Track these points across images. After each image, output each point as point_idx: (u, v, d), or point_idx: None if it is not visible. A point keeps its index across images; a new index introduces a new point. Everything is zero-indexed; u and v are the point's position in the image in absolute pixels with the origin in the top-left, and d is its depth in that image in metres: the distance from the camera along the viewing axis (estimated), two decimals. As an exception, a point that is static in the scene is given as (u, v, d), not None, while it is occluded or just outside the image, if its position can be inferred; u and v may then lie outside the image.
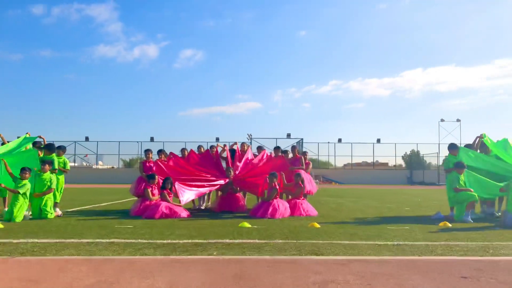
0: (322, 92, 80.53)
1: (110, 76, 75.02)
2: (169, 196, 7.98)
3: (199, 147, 10.35)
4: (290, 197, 8.72)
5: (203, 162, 9.53)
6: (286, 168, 9.17)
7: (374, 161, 45.48)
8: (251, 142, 40.41)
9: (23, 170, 7.19)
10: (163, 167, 8.97)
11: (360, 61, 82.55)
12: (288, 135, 40.09)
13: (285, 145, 37.57)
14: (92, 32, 74.05)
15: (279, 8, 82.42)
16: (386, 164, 47.62)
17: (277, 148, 10.36)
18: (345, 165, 44.25)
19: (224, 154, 9.76)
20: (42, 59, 71.51)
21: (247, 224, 6.28)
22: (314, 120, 76.06)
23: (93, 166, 45.70)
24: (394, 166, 44.55)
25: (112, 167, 44.52)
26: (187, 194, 8.29)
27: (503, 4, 76.07)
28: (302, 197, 8.45)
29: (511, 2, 75.08)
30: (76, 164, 43.42)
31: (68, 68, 74.21)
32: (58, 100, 72.24)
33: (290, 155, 10.14)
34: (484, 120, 66.91)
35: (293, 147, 10.69)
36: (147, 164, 9.17)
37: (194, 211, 8.96)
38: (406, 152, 50.50)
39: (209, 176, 8.97)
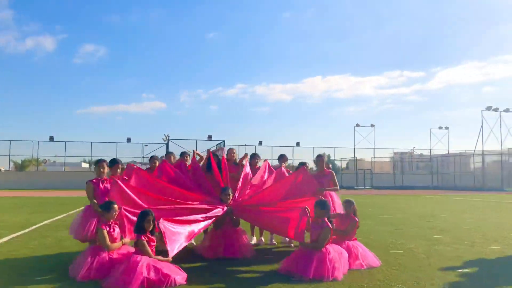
0: (229, 94, 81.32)
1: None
2: (151, 245, 4.65)
3: (183, 154, 7.12)
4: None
5: (185, 180, 6.33)
6: (314, 189, 6.21)
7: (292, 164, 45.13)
8: (167, 144, 36.91)
9: None
10: (127, 190, 5.47)
11: (266, 66, 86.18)
12: (209, 137, 37.86)
13: (207, 147, 35.92)
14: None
15: (188, 8, 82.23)
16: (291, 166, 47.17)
17: (282, 156, 7.43)
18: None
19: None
20: None
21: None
22: (222, 122, 75.75)
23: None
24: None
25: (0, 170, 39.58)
26: (180, 240, 4.94)
27: (395, 21, 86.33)
28: (355, 237, 5.63)
29: (404, 20, 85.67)
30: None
31: None
32: None
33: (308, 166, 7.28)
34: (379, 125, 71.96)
35: (319, 157, 7.06)
36: (101, 185, 5.45)
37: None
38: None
39: (197, 202, 5.78)
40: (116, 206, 4.93)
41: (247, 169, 6.81)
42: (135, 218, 4.83)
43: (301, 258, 4.81)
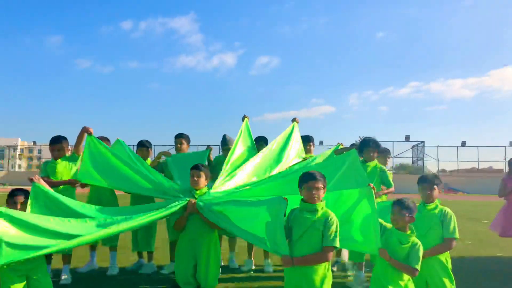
0: (400, 94, 78.62)
1: (190, 84, 74.79)
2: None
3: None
4: None
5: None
6: None
7: (487, 167, 41.83)
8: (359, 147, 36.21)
9: None
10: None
11: (442, 61, 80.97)
12: (407, 138, 37.34)
13: (405, 148, 37.22)
14: (174, 43, 73.37)
15: (355, 11, 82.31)
16: (501, 170, 43.90)
17: None
18: (466, 170, 39.51)
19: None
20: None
21: None
22: (392, 123, 73.43)
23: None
24: None
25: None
26: None
27: None
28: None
29: None
30: None
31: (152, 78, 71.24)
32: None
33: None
34: None
35: None
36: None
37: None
38: None
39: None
40: None
41: None
42: None
43: None
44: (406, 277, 3.15)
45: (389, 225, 3.26)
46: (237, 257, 5.08)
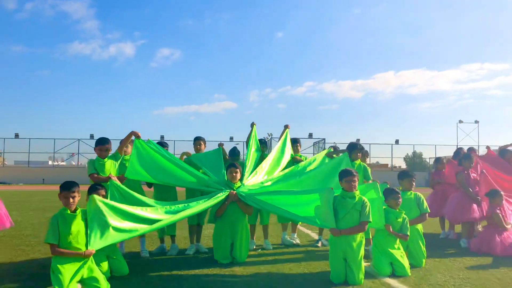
0: (297, 93, 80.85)
1: (85, 73, 73.00)
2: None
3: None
4: None
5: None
6: None
7: (375, 162, 45.61)
8: (271, 143, 37.20)
9: None
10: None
11: (335, 63, 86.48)
12: (310, 135, 39.74)
13: (308, 144, 39.77)
14: (66, 28, 71.36)
15: (256, 10, 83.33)
16: (386, 165, 47.17)
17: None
18: None
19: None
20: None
21: None
22: (289, 120, 76.25)
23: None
24: (395, 167, 45.61)
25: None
26: None
27: (470, 12, 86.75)
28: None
29: (483, 9, 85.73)
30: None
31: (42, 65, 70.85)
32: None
33: None
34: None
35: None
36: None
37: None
38: (407, 154, 51.62)
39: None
40: None
41: None
42: None
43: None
44: (398, 241, 4.62)
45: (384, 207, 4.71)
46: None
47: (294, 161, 6.20)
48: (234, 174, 5.01)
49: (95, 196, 3.87)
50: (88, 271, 3.66)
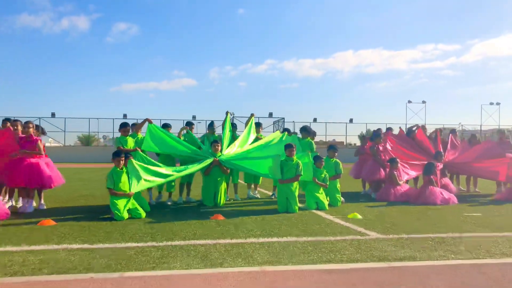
0: (258, 71, 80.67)
1: (35, 47, 69.75)
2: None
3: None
4: None
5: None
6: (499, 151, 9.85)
7: (331, 139, 48.60)
8: (233, 121, 38.43)
9: None
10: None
11: (295, 41, 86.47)
12: (270, 114, 41.88)
13: (268, 123, 41.09)
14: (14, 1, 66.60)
15: None
16: (342, 143, 50.51)
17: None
18: (316, 143, 46.47)
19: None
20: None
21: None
22: (250, 99, 76.09)
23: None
24: (350, 144, 49.67)
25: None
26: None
27: None
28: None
29: None
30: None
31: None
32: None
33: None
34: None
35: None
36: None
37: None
38: (362, 132, 54.67)
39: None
40: None
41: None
42: None
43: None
44: (321, 189, 7.41)
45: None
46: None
47: (257, 139, 8.87)
48: (216, 147, 7.58)
49: (133, 160, 6.34)
50: (132, 204, 6.15)
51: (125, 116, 42.15)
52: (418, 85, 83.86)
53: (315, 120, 48.22)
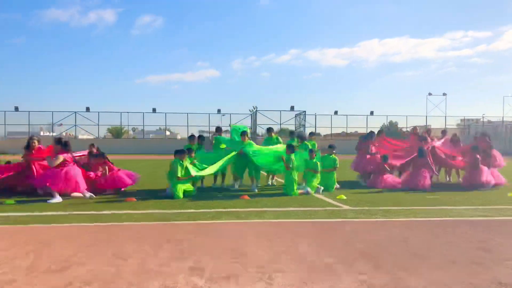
0: (281, 61, 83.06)
1: (61, 41, 71.54)
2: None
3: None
4: None
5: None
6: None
7: (353, 131, 52.63)
8: (255, 115, 43.50)
9: None
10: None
11: (319, 30, 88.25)
12: (292, 108, 45.69)
13: (290, 116, 46.54)
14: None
15: None
16: (364, 134, 54.51)
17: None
18: (338, 135, 51.95)
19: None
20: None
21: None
22: (273, 90, 78.45)
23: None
24: None
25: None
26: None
27: None
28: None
29: None
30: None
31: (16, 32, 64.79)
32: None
33: None
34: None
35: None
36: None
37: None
38: (384, 123, 56.16)
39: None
40: None
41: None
42: None
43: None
44: (318, 176, 10.17)
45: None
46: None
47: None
48: (244, 136, 10.56)
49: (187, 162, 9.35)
50: (187, 187, 9.16)
51: (154, 110, 45.60)
52: (445, 74, 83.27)
53: (336, 113, 50.56)
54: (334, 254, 4.50)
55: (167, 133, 60.61)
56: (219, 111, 46.13)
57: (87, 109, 42.48)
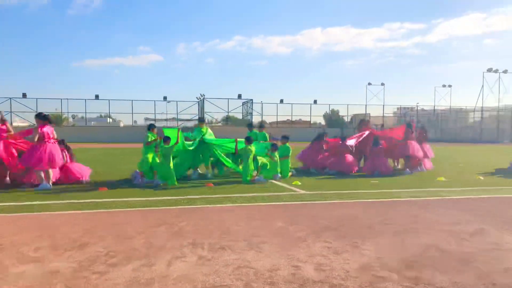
0: (226, 47, 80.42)
1: None
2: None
3: None
4: None
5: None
6: None
7: (298, 119, 55.03)
8: (203, 102, 42.07)
9: None
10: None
11: (263, 17, 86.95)
12: (239, 96, 46.43)
13: (237, 105, 47.93)
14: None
15: None
16: (308, 122, 56.03)
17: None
18: (283, 122, 53.36)
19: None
20: None
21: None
22: (219, 76, 76.05)
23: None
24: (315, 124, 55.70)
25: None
26: None
27: None
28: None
29: None
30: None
31: None
32: None
33: None
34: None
35: None
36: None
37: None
38: (326, 111, 58.79)
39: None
40: None
41: None
42: None
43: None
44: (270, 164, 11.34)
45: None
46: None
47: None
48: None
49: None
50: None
51: (97, 97, 44.60)
52: (384, 64, 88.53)
53: (281, 101, 52.34)
54: (304, 229, 5.59)
55: (109, 120, 59.26)
56: (165, 98, 46.03)
57: (24, 95, 40.73)
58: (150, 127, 10.85)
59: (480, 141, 44.84)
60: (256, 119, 52.74)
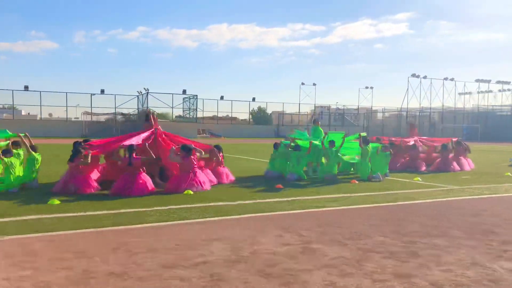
0: (129, 37, 73.76)
1: None
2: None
3: None
4: None
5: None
6: None
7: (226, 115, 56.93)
8: (147, 97, 39.86)
9: None
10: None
11: (169, 9, 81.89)
12: (184, 91, 46.70)
13: (181, 100, 48.74)
14: None
15: None
16: (236, 118, 58.79)
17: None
18: (223, 119, 56.25)
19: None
20: None
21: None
22: (121, 67, 69.65)
23: None
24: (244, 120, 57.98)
25: None
26: None
27: None
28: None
29: None
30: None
31: None
32: None
33: None
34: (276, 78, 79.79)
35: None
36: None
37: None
38: (253, 109, 60.39)
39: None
40: None
41: None
42: None
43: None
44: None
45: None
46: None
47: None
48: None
49: None
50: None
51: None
52: (288, 63, 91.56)
53: (222, 98, 53.01)
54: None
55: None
56: (102, 91, 43.80)
57: None
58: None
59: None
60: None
